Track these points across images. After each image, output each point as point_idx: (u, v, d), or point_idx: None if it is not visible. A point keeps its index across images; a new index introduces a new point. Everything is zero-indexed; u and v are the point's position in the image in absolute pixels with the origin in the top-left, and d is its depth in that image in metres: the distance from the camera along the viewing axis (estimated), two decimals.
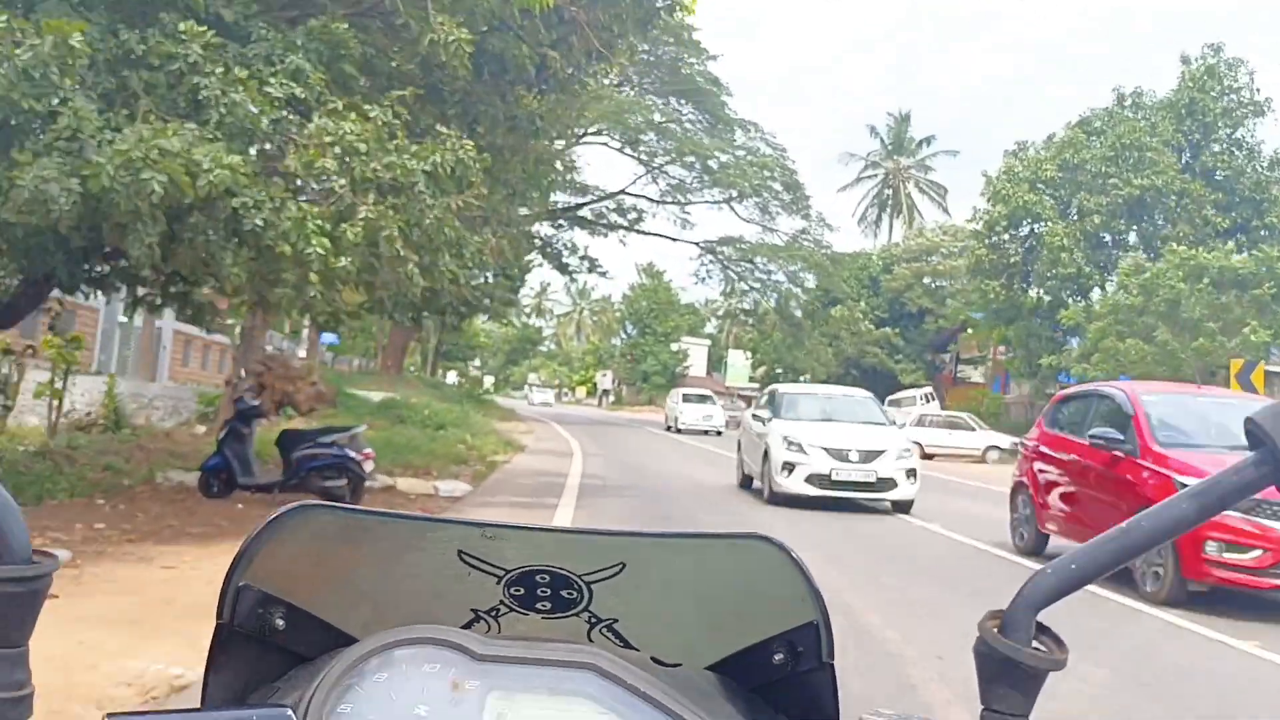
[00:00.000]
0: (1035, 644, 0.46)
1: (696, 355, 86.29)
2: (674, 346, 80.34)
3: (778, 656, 0.73)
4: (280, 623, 0.70)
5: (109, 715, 0.50)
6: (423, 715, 0.60)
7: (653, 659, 0.72)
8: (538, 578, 0.71)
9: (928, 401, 35.77)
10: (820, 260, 41.75)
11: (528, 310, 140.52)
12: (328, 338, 31.78)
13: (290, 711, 0.56)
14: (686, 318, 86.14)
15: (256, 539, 0.67)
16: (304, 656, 0.72)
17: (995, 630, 0.46)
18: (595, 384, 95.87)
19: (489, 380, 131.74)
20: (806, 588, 0.70)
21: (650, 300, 79.66)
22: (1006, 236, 32.87)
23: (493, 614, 0.74)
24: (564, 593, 0.72)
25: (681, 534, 0.72)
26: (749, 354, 58.17)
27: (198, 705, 0.66)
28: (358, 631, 0.71)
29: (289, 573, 0.70)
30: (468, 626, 0.73)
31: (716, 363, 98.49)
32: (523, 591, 0.72)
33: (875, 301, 48.94)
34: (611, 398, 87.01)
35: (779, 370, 53.33)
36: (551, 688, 0.63)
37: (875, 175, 62.95)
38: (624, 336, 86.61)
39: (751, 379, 71.21)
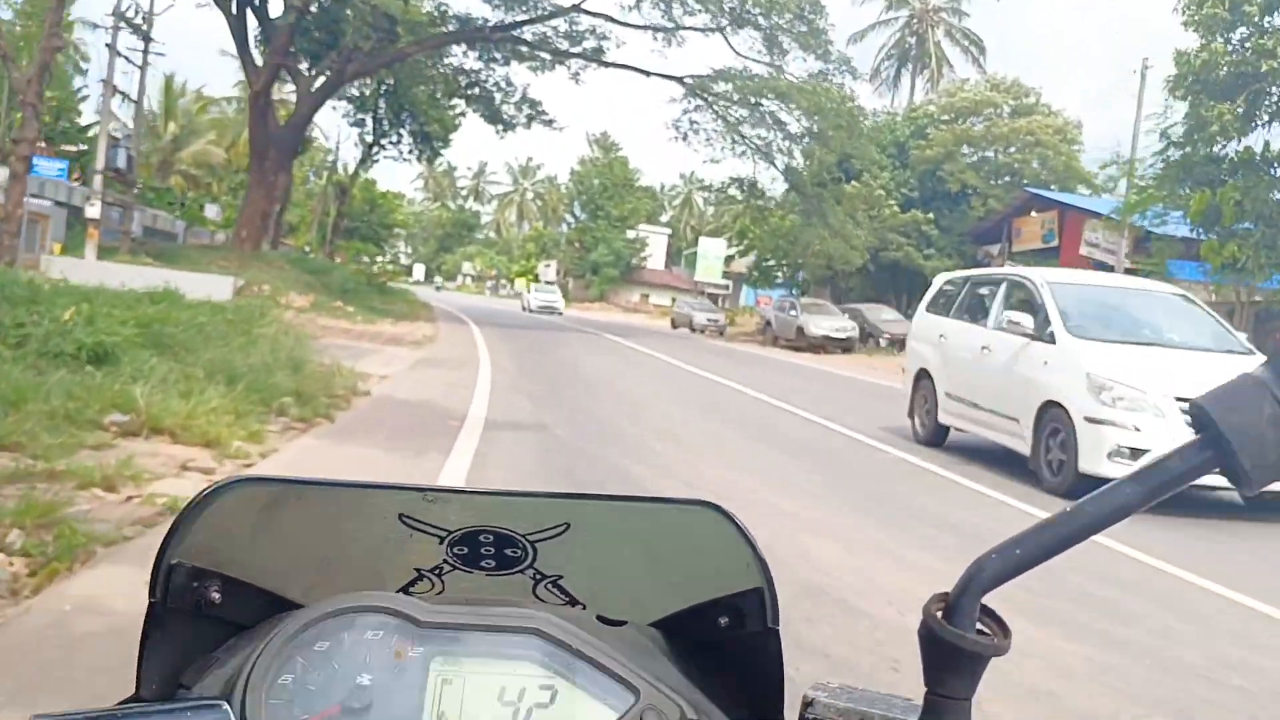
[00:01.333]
0: (980, 627, 0.47)
1: (656, 246, 74.87)
2: (630, 234, 68.70)
3: (723, 619, 0.73)
4: (216, 595, 0.69)
5: (35, 717, 0.49)
6: (365, 684, 0.61)
7: (598, 617, 0.73)
8: (481, 537, 0.72)
9: None
10: (848, 114, 30.30)
11: (463, 192, 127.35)
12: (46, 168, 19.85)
13: (226, 705, 0.55)
14: (644, 202, 74.24)
15: (186, 516, 0.66)
16: (243, 625, 0.70)
17: (940, 615, 0.46)
18: (537, 275, 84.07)
19: (419, 270, 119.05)
20: (752, 555, 0.71)
21: (603, 177, 67.51)
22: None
23: (436, 573, 0.73)
24: (508, 551, 0.72)
25: (624, 497, 0.72)
26: (736, 242, 46.27)
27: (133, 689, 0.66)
28: (299, 598, 0.71)
29: (223, 546, 0.69)
30: (411, 585, 0.74)
31: (676, 255, 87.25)
32: (466, 551, 0.72)
33: (901, 176, 37.57)
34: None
35: (769, 262, 42.11)
36: (495, 652, 0.64)
37: (897, 19, 50.90)
38: (571, 221, 74.46)
39: (726, 275, 60.07)
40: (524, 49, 32.30)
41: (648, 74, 30.52)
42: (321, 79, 30.51)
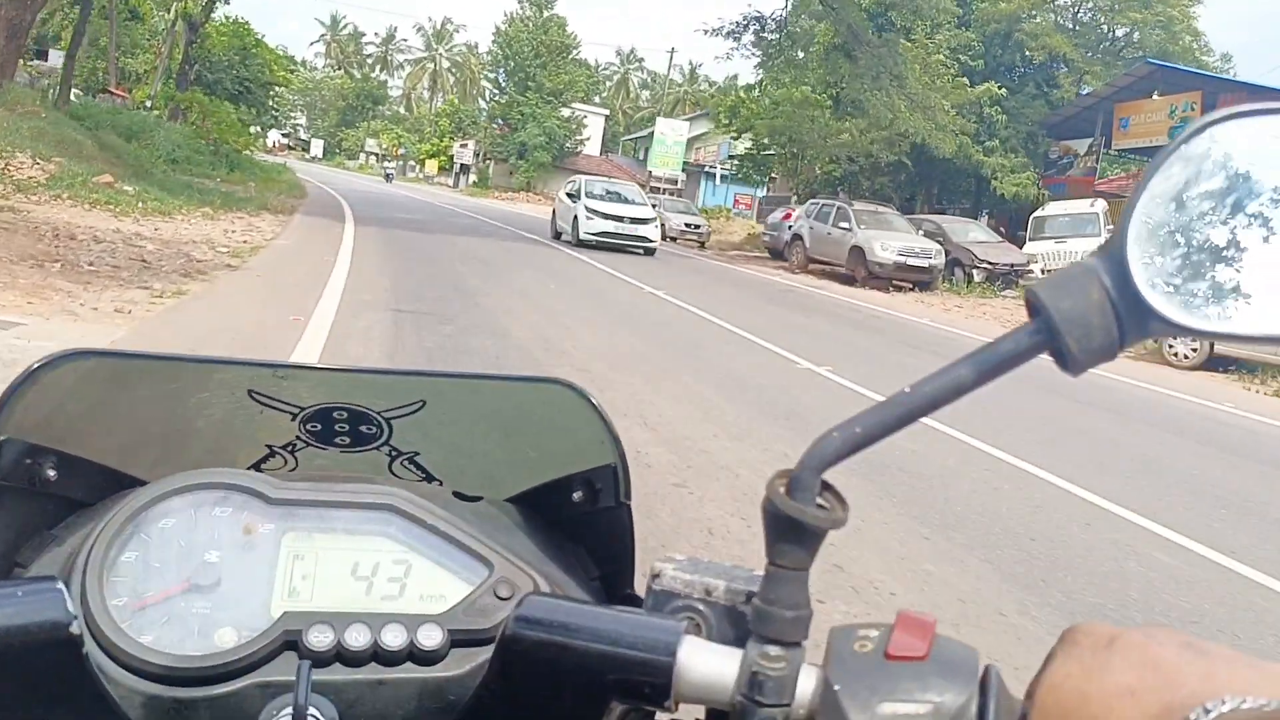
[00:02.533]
0: (820, 501, 0.49)
1: (592, 129, 63.67)
2: (565, 112, 57.39)
3: (577, 494, 0.74)
4: (52, 473, 0.66)
5: None
6: (213, 561, 0.60)
7: (454, 493, 0.72)
8: (335, 414, 0.71)
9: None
10: None
11: (369, 59, 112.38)
12: None
13: (61, 585, 0.52)
14: (582, 75, 62.65)
15: (14, 391, 0.63)
16: (84, 503, 0.67)
17: (782, 490, 0.48)
18: (451, 158, 72.10)
19: (318, 146, 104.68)
20: (605, 432, 0.72)
21: (535, 41, 55.67)
22: None
23: (289, 449, 0.73)
24: (363, 428, 0.72)
25: (481, 375, 0.73)
26: (724, 122, 35.23)
27: None
28: (143, 475, 0.69)
29: (58, 422, 0.66)
30: (263, 462, 0.72)
31: (612, 142, 75.85)
32: (320, 428, 0.71)
33: (962, 37, 27.45)
34: (472, 177, 63.79)
35: (769, 150, 31.64)
36: (349, 529, 0.63)
37: None
38: (494, 94, 62.39)
39: (688, 165, 49.60)
40: None
41: None
42: None
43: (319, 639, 0.57)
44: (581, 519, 0.74)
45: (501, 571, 0.62)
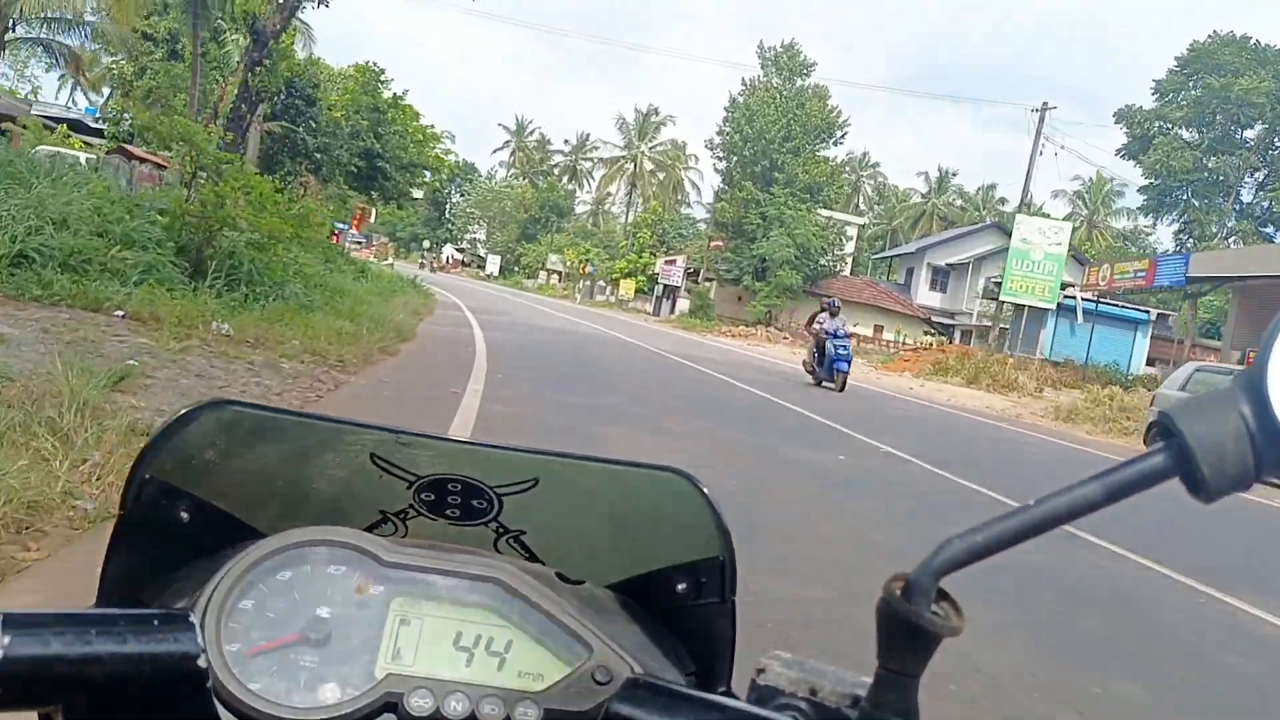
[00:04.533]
0: (935, 609, 0.48)
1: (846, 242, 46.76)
2: (823, 213, 40.88)
3: (680, 585, 0.74)
4: (185, 515, 0.69)
5: (3, 614, 0.50)
6: (325, 616, 0.62)
7: (557, 574, 0.73)
8: (449, 485, 0.72)
9: None
10: None
11: (555, 168, 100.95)
12: None
13: (192, 616, 0.56)
14: (840, 169, 46.12)
15: (165, 433, 0.66)
16: (208, 550, 0.70)
17: (898, 593, 0.48)
18: (653, 278, 56.70)
19: (494, 263, 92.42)
20: (716, 525, 0.71)
21: (785, 118, 39.87)
22: None
23: (400, 516, 0.74)
24: (474, 502, 0.73)
25: (594, 458, 0.73)
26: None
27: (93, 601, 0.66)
28: (264, 527, 0.72)
29: (197, 467, 0.70)
30: (375, 526, 0.74)
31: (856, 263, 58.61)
32: (433, 497, 0.73)
33: None
34: (683, 303, 47.72)
35: None
36: (456, 598, 0.65)
37: None
38: (722, 190, 46.44)
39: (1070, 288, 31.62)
40: None
41: None
42: None
43: (419, 704, 0.59)
44: (683, 611, 0.73)
45: (601, 656, 0.63)
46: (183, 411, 0.66)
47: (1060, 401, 22.20)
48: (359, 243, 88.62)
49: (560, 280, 74.62)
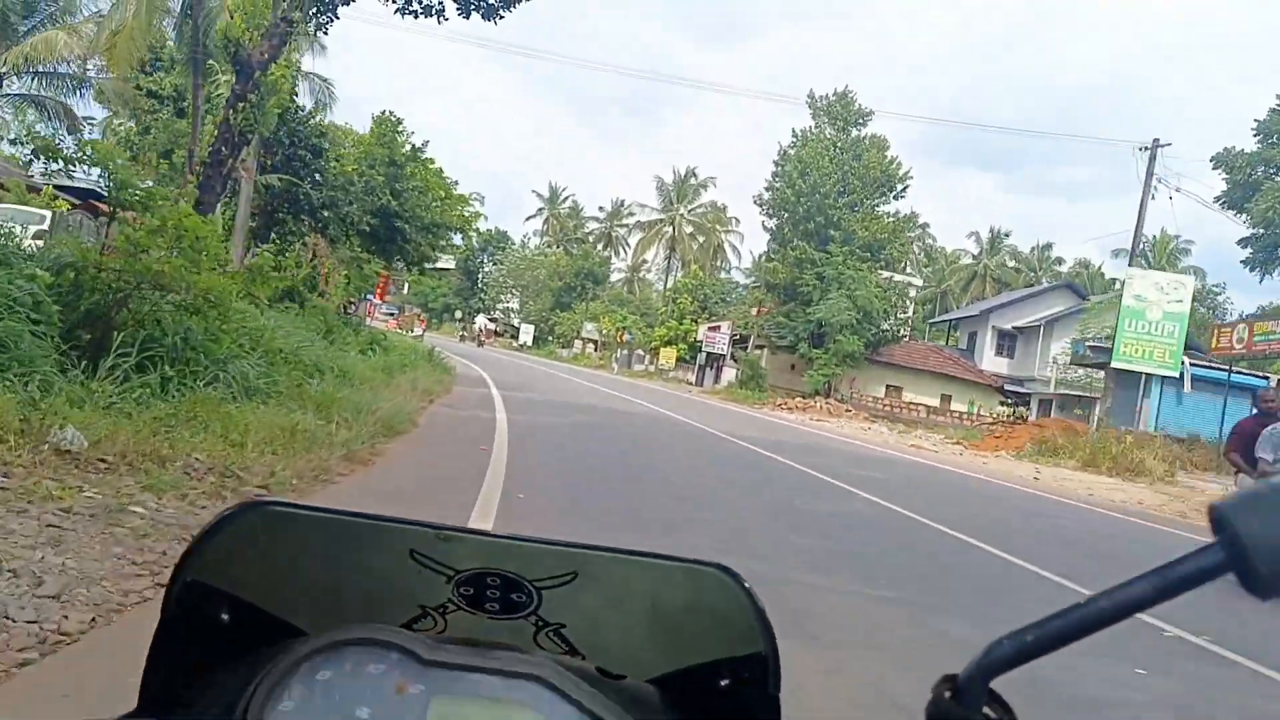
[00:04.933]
0: (986, 710, 0.48)
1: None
2: (886, 275, 37.18)
3: (723, 681, 0.73)
4: (225, 616, 0.71)
5: None
6: (365, 716, 0.62)
7: (598, 669, 0.73)
8: (488, 580, 0.72)
9: None
10: None
11: (590, 235, 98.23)
12: None
13: None
14: (902, 225, 42.64)
15: (206, 536, 0.68)
16: (248, 649, 0.71)
17: (948, 695, 0.47)
18: (694, 346, 53.10)
19: (527, 332, 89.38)
20: (758, 620, 0.71)
21: (841, 170, 36.51)
22: None
23: (440, 611, 0.74)
24: (514, 596, 0.73)
25: (638, 552, 0.73)
26: None
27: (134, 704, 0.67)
28: (305, 625, 0.72)
29: (237, 568, 0.71)
30: (414, 621, 0.74)
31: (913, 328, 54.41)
32: (472, 592, 0.73)
33: None
34: (729, 374, 43.98)
35: None
36: (496, 696, 0.64)
37: None
38: (773, 250, 42.76)
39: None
40: None
41: None
42: None
43: None
44: (727, 706, 0.72)
45: None
46: (222, 514, 0.67)
47: (1213, 491, 18.12)
48: (391, 314, 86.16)
49: (596, 349, 71.29)
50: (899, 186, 37.99)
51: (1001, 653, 0.46)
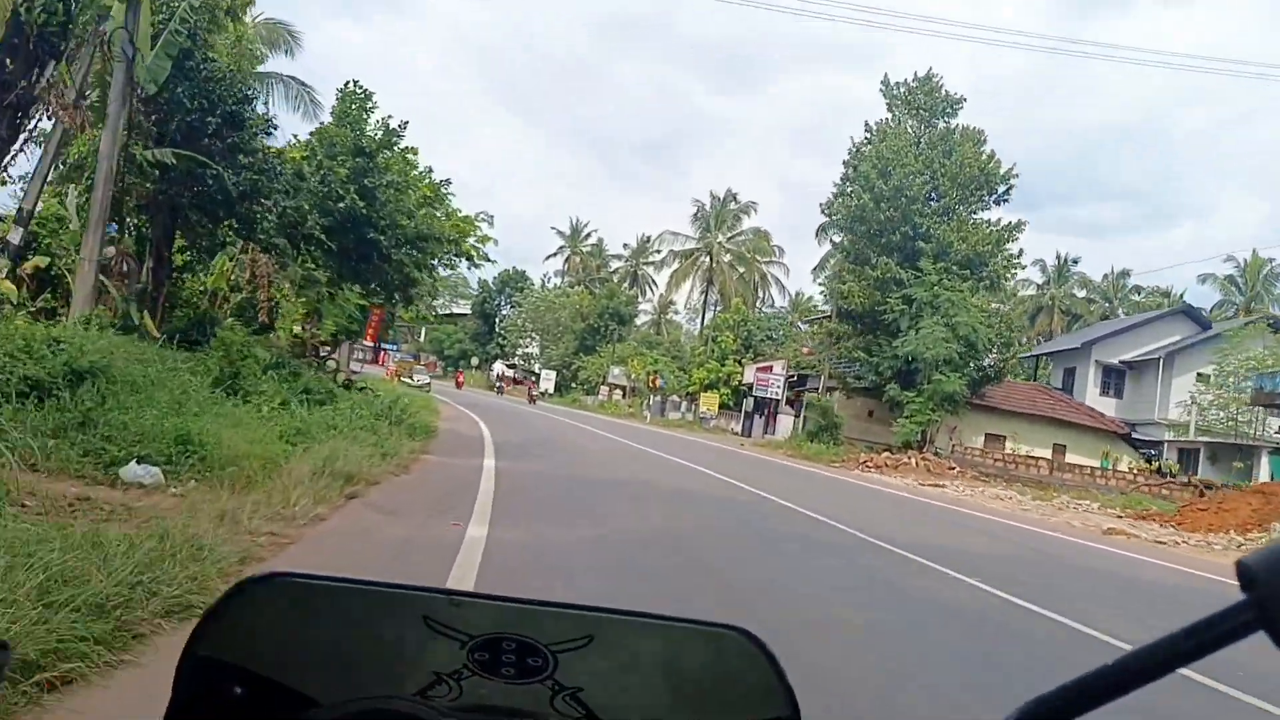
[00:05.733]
0: None
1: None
2: (987, 305, 29.66)
3: None
4: (239, 690, 0.69)
5: None
6: None
7: None
8: (504, 644, 0.71)
9: None
10: None
11: (614, 274, 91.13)
12: None
13: None
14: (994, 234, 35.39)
15: (214, 612, 0.67)
16: None
17: None
18: (740, 390, 45.90)
19: (549, 378, 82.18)
20: (779, 683, 0.70)
21: (930, 164, 29.34)
22: None
23: (455, 677, 0.73)
24: (529, 660, 0.72)
25: (654, 615, 0.72)
26: None
27: None
28: (319, 695, 0.71)
29: (248, 641, 0.70)
30: (429, 688, 0.73)
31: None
32: (487, 657, 0.72)
33: None
34: (789, 423, 36.67)
35: None
36: None
37: None
38: (837, 274, 35.32)
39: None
40: None
41: None
42: None
43: None
44: None
45: None
46: (232, 587, 0.65)
47: None
48: (413, 359, 79.27)
49: (624, 396, 64.00)
50: (1000, 188, 30.77)
51: (1038, 716, 0.46)
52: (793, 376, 39.28)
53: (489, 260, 35.81)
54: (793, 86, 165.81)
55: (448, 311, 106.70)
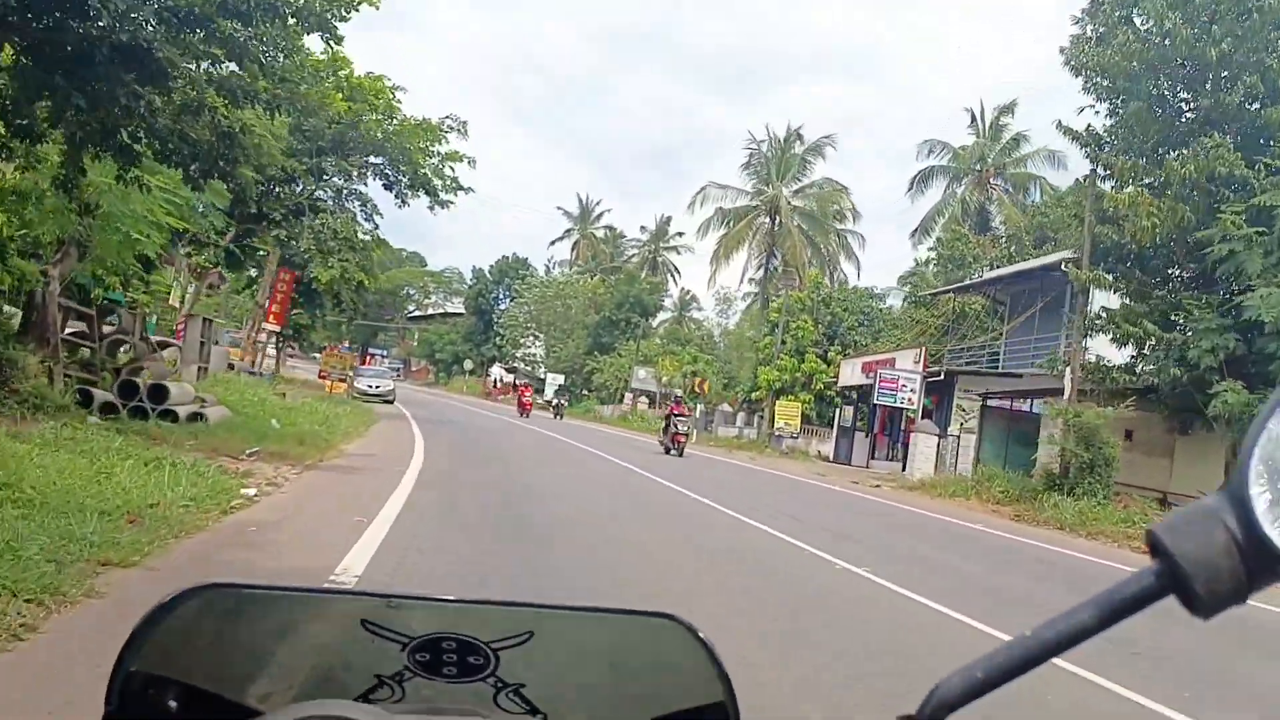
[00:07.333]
0: None
1: None
2: None
3: None
4: (173, 704, 0.68)
5: None
6: None
7: None
8: (444, 644, 0.71)
9: None
10: None
11: (631, 259, 77.20)
12: None
13: None
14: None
15: (146, 624, 0.65)
16: None
17: None
18: (833, 393, 32.38)
19: (553, 383, 67.93)
20: (714, 669, 0.71)
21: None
22: None
23: (396, 679, 0.73)
24: (470, 659, 0.72)
25: (590, 608, 0.73)
26: None
27: None
28: (257, 703, 0.71)
29: (182, 652, 0.68)
30: (371, 692, 0.72)
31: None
32: (428, 657, 0.72)
33: None
34: (932, 447, 23.09)
35: None
36: None
37: None
38: (1083, 185, 20.92)
39: None
40: None
41: None
42: None
43: None
44: None
45: None
46: (163, 600, 0.64)
47: None
48: (378, 355, 65.70)
49: (652, 405, 50.03)
50: None
51: (951, 691, 0.46)
52: (934, 373, 25.70)
53: (463, 189, 22.17)
54: (794, 94, 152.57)
55: (441, 310, 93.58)
